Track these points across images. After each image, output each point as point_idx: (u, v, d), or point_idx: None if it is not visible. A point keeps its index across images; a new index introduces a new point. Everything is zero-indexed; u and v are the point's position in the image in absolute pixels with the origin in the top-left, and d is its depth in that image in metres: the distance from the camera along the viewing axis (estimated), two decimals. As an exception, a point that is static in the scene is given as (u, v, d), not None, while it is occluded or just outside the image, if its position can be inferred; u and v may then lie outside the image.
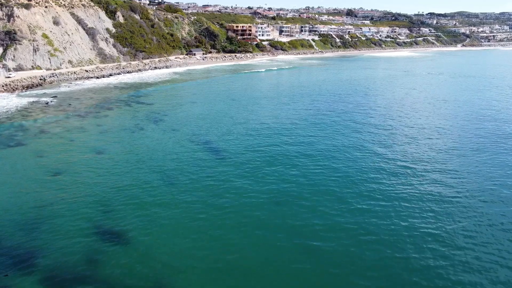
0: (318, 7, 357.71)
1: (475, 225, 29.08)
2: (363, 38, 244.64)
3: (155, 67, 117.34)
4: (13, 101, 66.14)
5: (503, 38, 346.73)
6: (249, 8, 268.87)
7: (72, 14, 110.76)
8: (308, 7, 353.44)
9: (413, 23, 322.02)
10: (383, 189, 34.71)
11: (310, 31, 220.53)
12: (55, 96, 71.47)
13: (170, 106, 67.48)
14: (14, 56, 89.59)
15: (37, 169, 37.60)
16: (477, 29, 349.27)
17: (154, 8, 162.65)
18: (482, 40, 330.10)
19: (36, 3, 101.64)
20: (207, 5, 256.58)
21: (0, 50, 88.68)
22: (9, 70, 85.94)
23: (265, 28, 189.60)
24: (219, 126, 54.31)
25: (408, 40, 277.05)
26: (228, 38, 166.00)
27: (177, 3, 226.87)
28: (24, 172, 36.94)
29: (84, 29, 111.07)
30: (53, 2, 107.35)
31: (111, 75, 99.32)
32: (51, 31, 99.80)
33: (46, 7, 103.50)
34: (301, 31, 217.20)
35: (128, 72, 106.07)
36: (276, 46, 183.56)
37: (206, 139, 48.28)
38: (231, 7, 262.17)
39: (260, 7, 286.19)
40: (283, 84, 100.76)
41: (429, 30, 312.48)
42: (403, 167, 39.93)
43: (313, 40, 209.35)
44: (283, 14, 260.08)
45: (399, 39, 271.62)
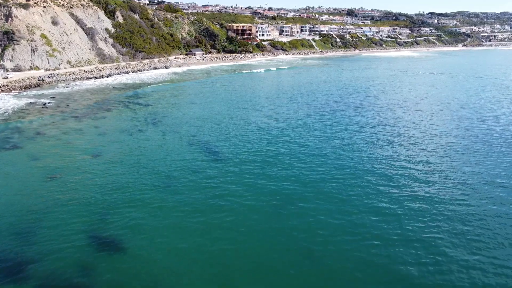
0: (319, 7, 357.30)
1: (484, 229, 28.29)
2: (364, 38, 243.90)
3: (155, 67, 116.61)
4: (10, 102, 65.38)
5: (504, 38, 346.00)
6: (249, 8, 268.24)
7: (71, 14, 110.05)
8: (309, 7, 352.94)
9: (414, 23, 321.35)
10: (386, 191, 33.92)
11: (311, 31, 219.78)
12: (53, 97, 70.73)
13: (169, 107, 66.71)
14: (12, 57, 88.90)
15: (32, 173, 36.84)
16: (478, 29, 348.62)
17: (154, 8, 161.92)
18: (483, 40, 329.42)
19: (35, 3, 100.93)
20: (207, 5, 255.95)
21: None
22: (7, 71, 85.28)
23: (265, 28, 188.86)
24: (219, 127, 53.55)
25: (409, 40, 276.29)
26: (228, 38, 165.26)
27: (177, 3, 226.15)
28: (19, 176, 36.17)
29: (83, 29, 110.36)
30: (52, 2, 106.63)
31: (110, 76, 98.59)
32: (50, 31, 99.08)
33: (45, 7, 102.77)
34: (302, 31, 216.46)
35: (127, 73, 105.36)
36: (277, 46, 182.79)
37: (205, 141, 47.52)
38: (231, 7, 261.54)
39: (260, 7, 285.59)
40: (284, 85, 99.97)
41: (430, 30, 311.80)
42: (407, 168, 39.14)
43: (314, 40, 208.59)
44: (284, 14, 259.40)
45: (400, 39, 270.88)
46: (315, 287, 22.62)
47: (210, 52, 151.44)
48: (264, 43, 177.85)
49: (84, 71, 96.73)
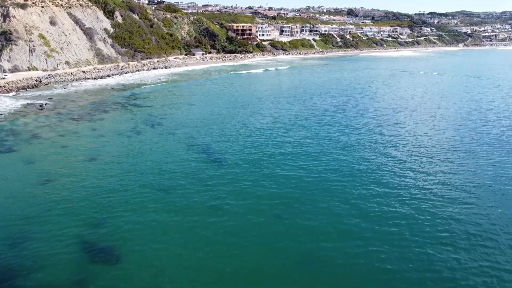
0: (319, 7, 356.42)
1: (497, 234, 27.34)
2: (364, 38, 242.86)
3: (154, 68, 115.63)
4: (7, 104, 64.38)
5: (505, 38, 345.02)
6: (250, 8, 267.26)
7: (70, 14, 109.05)
8: (309, 7, 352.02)
9: (415, 23, 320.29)
10: (390, 193, 32.95)
11: (311, 31, 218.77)
12: (50, 98, 69.76)
13: (168, 108, 65.73)
14: (10, 57, 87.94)
15: (27, 177, 35.88)
16: (479, 29, 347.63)
17: (153, 8, 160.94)
18: (484, 40, 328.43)
19: (33, 3, 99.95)
20: (207, 5, 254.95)
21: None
22: (5, 71, 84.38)
23: (266, 28, 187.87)
24: (218, 129, 52.58)
25: (410, 40, 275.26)
26: (228, 38, 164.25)
27: (177, 3, 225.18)
28: (12, 180, 35.22)
29: (82, 29, 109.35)
30: (50, 2, 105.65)
31: (109, 76, 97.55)
32: (48, 32, 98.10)
33: (43, 7, 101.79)
34: (302, 31, 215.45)
35: (126, 73, 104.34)
36: (277, 46, 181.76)
37: (205, 144, 46.55)
38: (231, 7, 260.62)
39: (261, 7, 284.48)
40: (284, 85, 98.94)
41: (431, 30, 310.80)
42: (411, 170, 38.20)
43: (314, 40, 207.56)
44: (284, 14, 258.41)
45: (401, 39, 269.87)
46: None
47: (210, 52, 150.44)
48: (264, 43, 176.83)
49: (83, 72, 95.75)
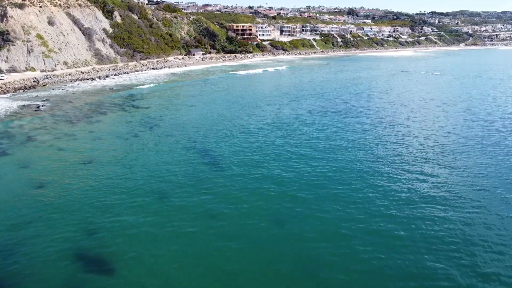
0: (319, 7, 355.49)
1: (498, 232, 26.34)
2: (365, 38, 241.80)
3: (153, 68, 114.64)
4: (3, 105, 63.32)
5: (506, 37, 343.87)
6: (250, 8, 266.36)
7: (68, 14, 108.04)
8: (309, 7, 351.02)
9: (415, 22, 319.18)
10: (394, 195, 31.95)
11: (311, 31, 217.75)
12: (48, 100, 68.72)
13: (167, 110, 64.70)
14: (7, 58, 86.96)
15: (20, 182, 34.88)
16: (480, 28, 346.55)
17: (153, 8, 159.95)
18: (485, 39, 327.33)
19: (31, 3, 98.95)
20: (207, 5, 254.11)
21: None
22: (1, 72, 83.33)
23: (266, 28, 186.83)
24: (218, 131, 51.57)
25: (411, 40, 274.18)
26: (228, 38, 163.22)
27: (176, 3, 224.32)
28: (5, 185, 34.22)
29: (80, 29, 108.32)
30: (48, 2, 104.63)
31: (108, 77, 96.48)
32: (46, 32, 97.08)
33: (41, 7, 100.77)
34: (302, 31, 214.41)
35: (125, 73, 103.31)
36: (277, 46, 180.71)
37: (204, 147, 45.54)
38: (231, 7, 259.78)
39: (261, 7, 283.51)
40: (284, 85, 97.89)
41: (432, 29, 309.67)
42: (415, 172, 37.17)
43: (315, 40, 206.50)
44: (284, 14, 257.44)
45: (401, 39, 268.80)
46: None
47: (210, 52, 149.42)
48: (265, 43, 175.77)
49: (81, 72, 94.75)
